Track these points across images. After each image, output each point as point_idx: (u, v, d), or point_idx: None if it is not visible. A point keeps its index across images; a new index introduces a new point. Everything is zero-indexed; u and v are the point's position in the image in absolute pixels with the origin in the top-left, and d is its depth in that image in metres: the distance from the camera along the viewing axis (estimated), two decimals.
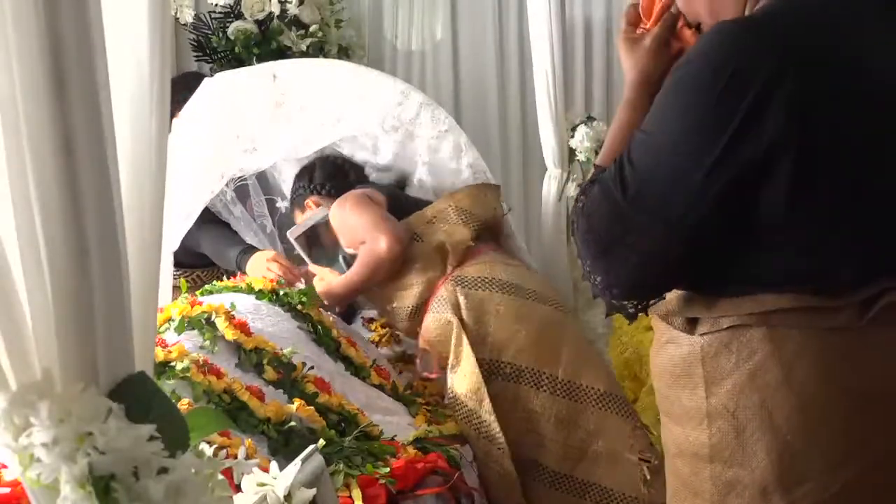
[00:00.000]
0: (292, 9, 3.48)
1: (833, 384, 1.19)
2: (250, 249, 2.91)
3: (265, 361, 2.06)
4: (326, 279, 2.59)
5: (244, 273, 2.77)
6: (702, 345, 1.26)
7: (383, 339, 2.78)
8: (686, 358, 1.29)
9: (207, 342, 2.04)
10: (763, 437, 1.22)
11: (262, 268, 2.78)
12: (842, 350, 1.20)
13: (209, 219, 2.82)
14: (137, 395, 0.85)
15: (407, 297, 2.45)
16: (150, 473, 0.81)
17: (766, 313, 1.21)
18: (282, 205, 3.14)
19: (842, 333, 1.19)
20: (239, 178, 2.95)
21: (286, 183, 3.11)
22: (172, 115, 2.24)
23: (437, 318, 2.36)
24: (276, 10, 3.48)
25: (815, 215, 1.18)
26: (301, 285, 2.63)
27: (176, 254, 2.70)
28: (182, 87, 2.70)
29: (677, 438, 1.33)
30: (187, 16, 3.49)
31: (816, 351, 1.19)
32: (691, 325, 1.28)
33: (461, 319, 2.32)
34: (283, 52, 3.47)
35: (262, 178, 3.11)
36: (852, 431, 1.20)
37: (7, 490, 1.39)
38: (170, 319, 2.12)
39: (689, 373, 1.28)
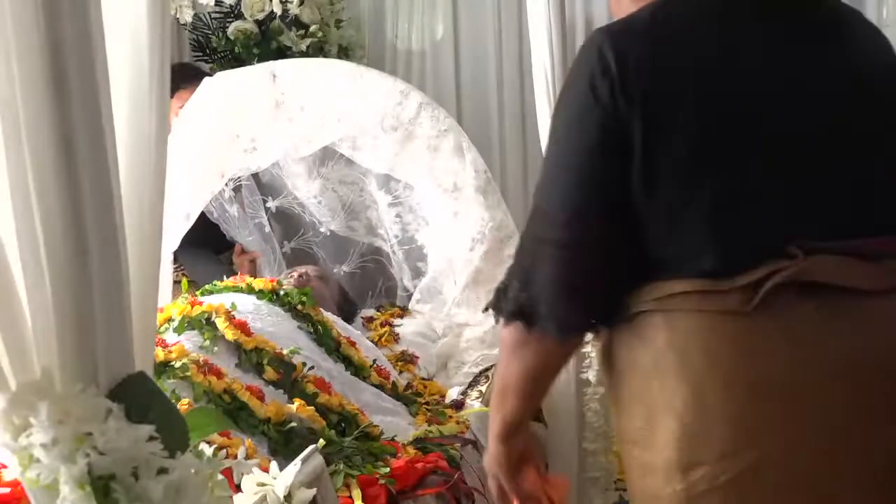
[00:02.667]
0: (293, 9, 3.48)
1: (723, 370, 1.21)
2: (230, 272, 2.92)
3: (265, 361, 2.06)
4: None
5: None
6: (615, 334, 1.31)
7: (383, 339, 2.78)
8: (607, 348, 1.33)
9: (207, 342, 2.04)
10: (666, 421, 1.24)
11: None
12: (731, 335, 1.22)
13: (188, 240, 2.79)
14: (137, 395, 0.85)
15: None
16: (149, 474, 0.81)
17: (662, 299, 1.24)
18: (272, 204, 3.15)
19: (732, 318, 1.21)
20: (235, 177, 2.95)
21: (290, 179, 3.11)
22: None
23: None
24: (277, 10, 3.48)
25: (671, 205, 1.23)
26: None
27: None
28: (177, 77, 2.71)
29: (617, 426, 1.37)
30: (187, 16, 3.48)
31: (707, 335, 1.21)
32: None
33: None
34: (283, 52, 3.47)
35: (256, 177, 3.11)
36: (743, 421, 1.21)
37: (7, 490, 1.39)
38: (170, 319, 2.12)
39: (612, 363, 1.33)
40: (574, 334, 1.32)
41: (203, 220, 2.86)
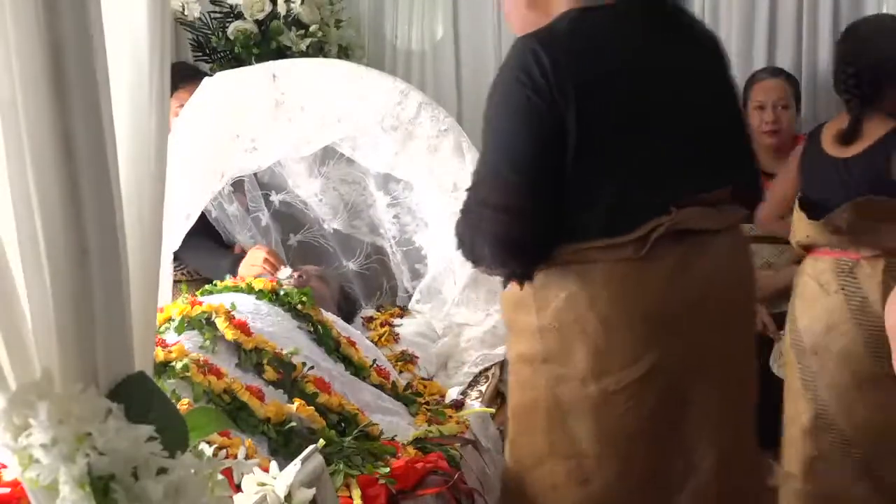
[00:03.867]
0: (295, 8, 3.47)
1: (623, 305, 1.63)
2: (240, 257, 2.91)
3: (265, 361, 2.06)
4: None
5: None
6: (536, 281, 1.67)
7: (383, 339, 2.78)
8: (524, 291, 1.70)
9: (207, 342, 2.04)
10: (579, 344, 1.65)
11: (257, 261, 2.81)
12: (629, 278, 1.63)
13: (190, 231, 2.78)
14: (137, 396, 0.85)
15: None
16: (149, 474, 0.81)
17: (576, 253, 1.63)
18: (275, 198, 3.14)
19: (628, 265, 1.62)
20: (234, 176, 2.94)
21: (291, 178, 3.11)
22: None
23: None
24: (281, 10, 3.47)
25: (587, 184, 1.60)
26: (286, 273, 2.66)
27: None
28: (175, 77, 2.70)
29: (519, 348, 1.75)
30: (195, 11, 3.46)
31: (610, 281, 1.63)
32: None
33: None
34: (283, 52, 3.46)
35: (256, 175, 3.10)
36: (639, 341, 1.64)
37: (7, 490, 1.39)
38: (170, 319, 2.12)
39: (525, 302, 1.70)
40: (514, 281, 1.69)
41: (202, 220, 2.86)
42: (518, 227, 1.61)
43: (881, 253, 2.37)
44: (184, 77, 2.95)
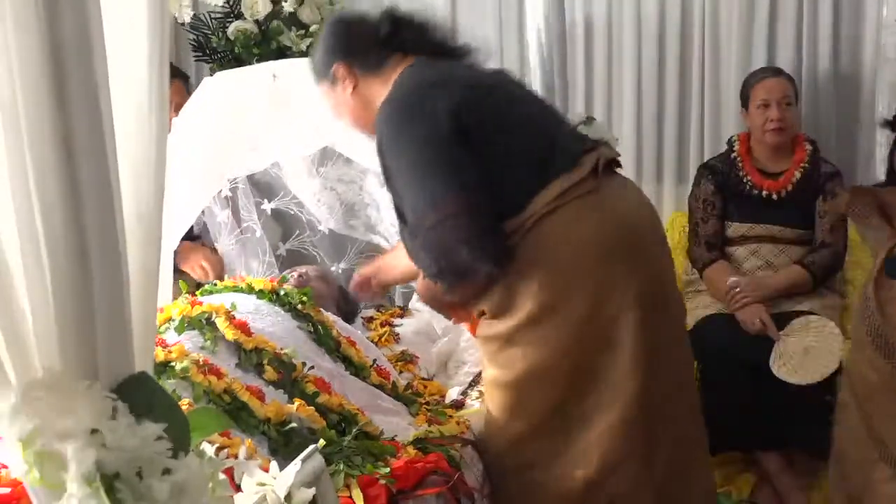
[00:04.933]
0: (287, 7, 3.47)
1: (590, 233, 1.88)
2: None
3: (265, 361, 2.06)
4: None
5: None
6: (517, 246, 1.87)
7: (383, 339, 2.78)
8: (522, 260, 1.88)
9: (208, 342, 2.04)
10: (581, 282, 1.87)
11: (193, 262, 2.85)
12: (591, 209, 1.89)
13: None
14: (139, 395, 0.85)
15: None
16: (154, 473, 0.81)
17: (547, 204, 1.86)
18: (267, 206, 3.14)
19: (589, 197, 1.90)
20: (232, 179, 2.93)
21: (289, 179, 3.10)
22: None
23: None
24: (265, 8, 3.46)
25: (520, 147, 1.92)
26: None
27: None
28: None
29: (521, 314, 1.90)
30: (185, 16, 3.47)
31: (582, 210, 1.89)
32: None
33: None
34: (283, 52, 3.47)
35: (252, 179, 3.09)
36: (626, 264, 1.90)
37: (7, 490, 1.39)
38: (170, 319, 2.12)
39: (524, 266, 1.88)
40: (506, 261, 1.88)
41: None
42: (477, 220, 1.82)
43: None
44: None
